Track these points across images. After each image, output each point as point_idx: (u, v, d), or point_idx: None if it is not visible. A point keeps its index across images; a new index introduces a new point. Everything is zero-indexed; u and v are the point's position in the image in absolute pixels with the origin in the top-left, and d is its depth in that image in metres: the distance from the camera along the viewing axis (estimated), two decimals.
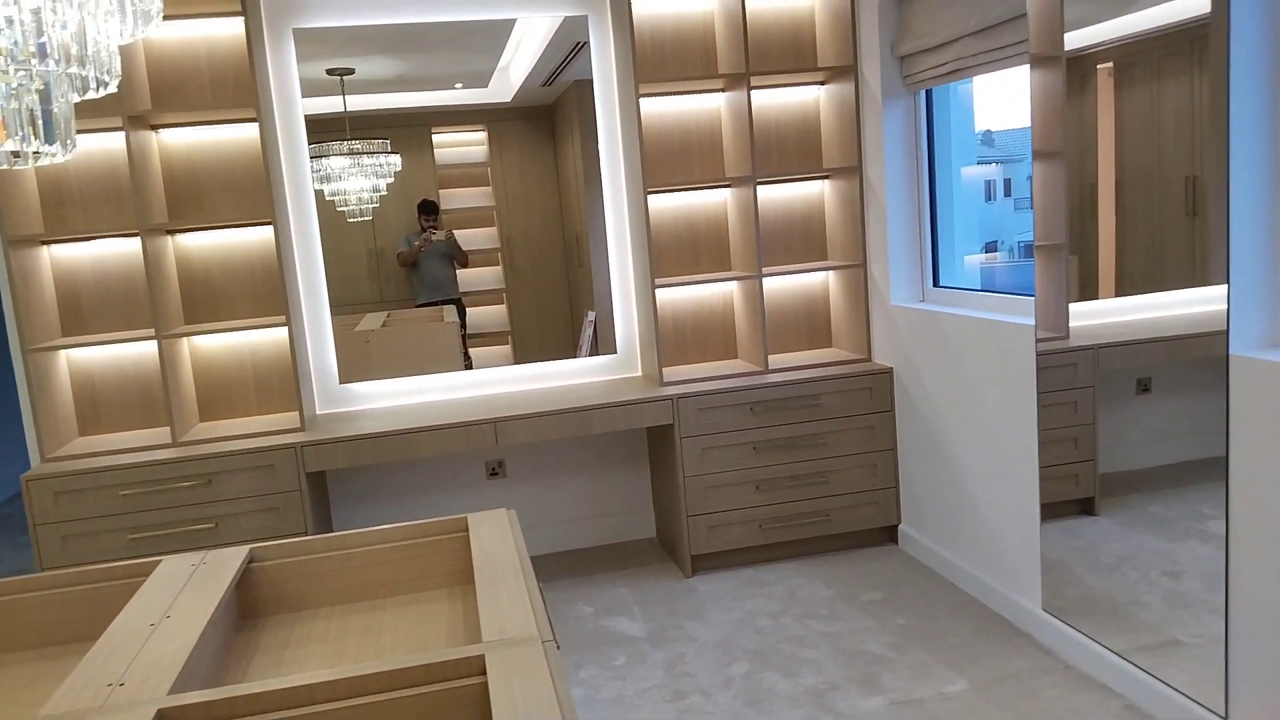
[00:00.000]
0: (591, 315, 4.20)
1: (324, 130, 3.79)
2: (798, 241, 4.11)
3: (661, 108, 3.95)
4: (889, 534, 3.93)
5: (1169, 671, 2.55)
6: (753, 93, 3.83)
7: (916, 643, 3.09)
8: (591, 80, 3.96)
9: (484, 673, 1.32)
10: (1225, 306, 2.25)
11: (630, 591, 3.69)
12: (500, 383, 4.02)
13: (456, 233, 4.04)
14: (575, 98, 4.03)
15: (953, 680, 2.85)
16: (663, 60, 3.91)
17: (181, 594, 1.70)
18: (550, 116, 4.07)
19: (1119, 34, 2.72)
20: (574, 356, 4.13)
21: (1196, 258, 2.62)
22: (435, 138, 3.97)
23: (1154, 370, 2.75)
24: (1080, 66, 2.81)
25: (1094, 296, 2.88)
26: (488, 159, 4.03)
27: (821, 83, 3.99)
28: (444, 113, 3.97)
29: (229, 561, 1.85)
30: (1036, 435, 2.95)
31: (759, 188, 3.89)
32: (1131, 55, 2.72)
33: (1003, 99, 3.64)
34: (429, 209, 3.97)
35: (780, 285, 4.09)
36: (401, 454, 3.48)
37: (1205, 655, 2.45)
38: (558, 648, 1.41)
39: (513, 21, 3.86)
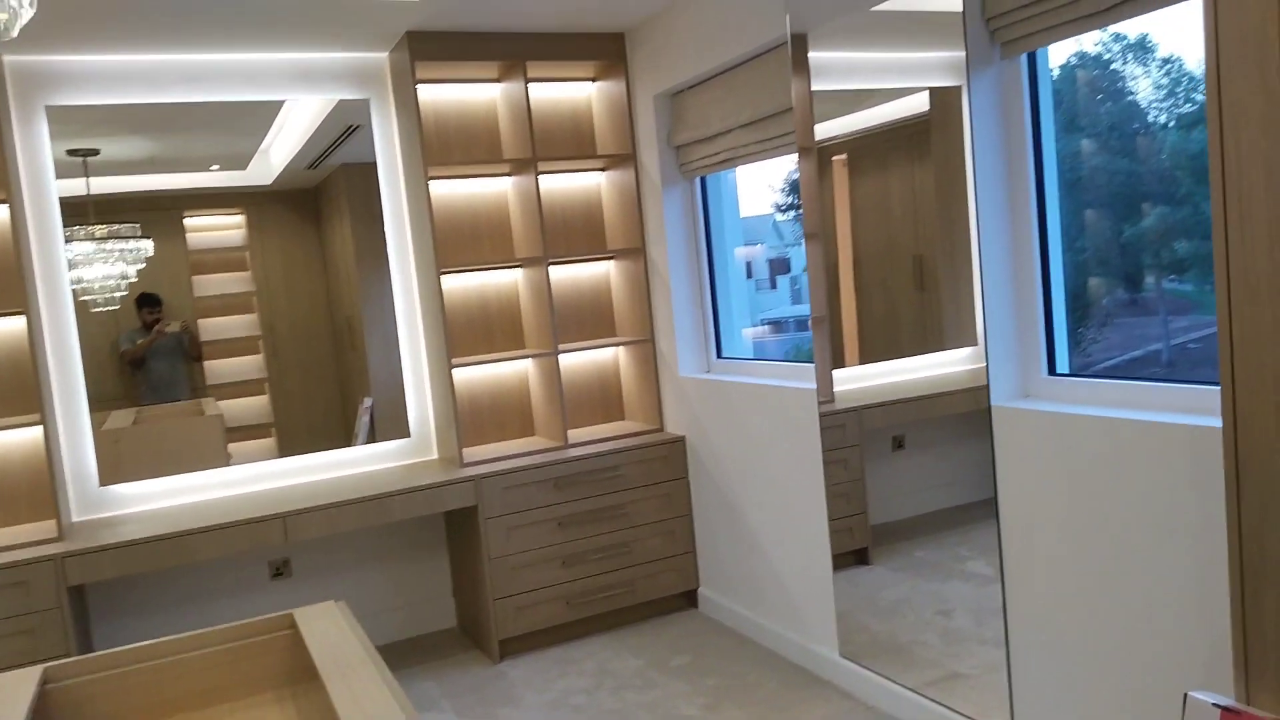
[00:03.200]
0: (368, 402, 4.08)
1: (65, 214, 3.50)
2: (588, 319, 4.23)
3: (448, 190, 3.98)
4: (689, 598, 4.05)
5: (955, 702, 2.79)
6: (539, 177, 3.95)
7: (728, 701, 3.19)
8: (360, 163, 3.93)
9: None
10: (958, 370, 2.57)
11: (437, 685, 3.56)
12: (280, 475, 3.80)
13: (211, 321, 3.79)
14: (343, 181, 3.98)
15: None
16: (448, 145, 3.96)
17: None
18: (314, 200, 3.98)
19: (850, 129, 3.06)
20: (347, 446, 3.96)
21: (928, 327, 2.96)
22: (188, 221, 3.76)
23: (905, 429, 3.05)
24: (819, 158, 3.13)
25: (841, 364, 3.17)
26: (246, 243, 3.87)
27: (602, 169, 4.18)
28: (198, 196, 3.79)
29: (19, 685, 1.65)
30: (824, 491, 3.18)
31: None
32: (861, 148, 3.07)
33: (746, 189, 3.97)
34: (151, 302, 3.70)
35: (573, 362, 4.18)
36: (180, 558, 3.21)
37: (984, 683, 2.70)
38: None
39: (280, 103, 3.77)
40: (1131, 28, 2.33)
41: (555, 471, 3.71)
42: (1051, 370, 2.50)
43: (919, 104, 2.86)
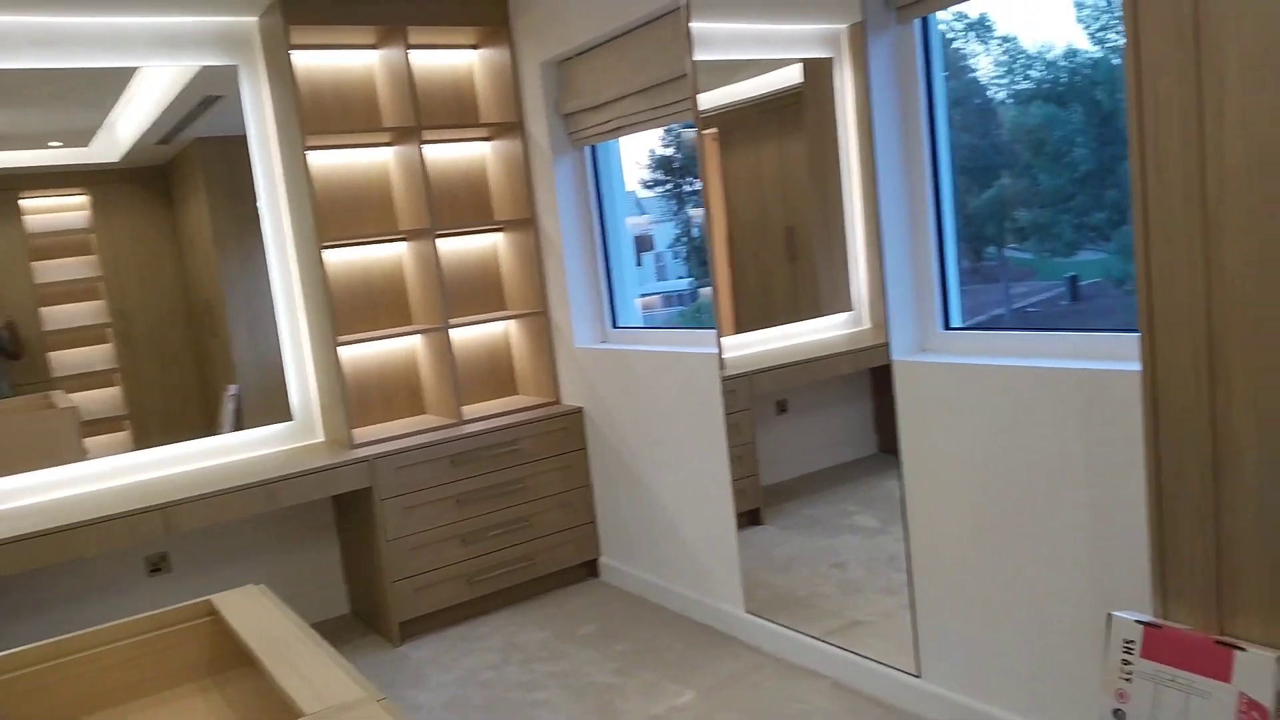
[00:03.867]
0: (233, 389, 3.89)
1: None
2: (476, 292, 4.15)
3: (324, 162, 3.82)
4: (589, 568, 4.05)
5: (860, 648, 2.90)
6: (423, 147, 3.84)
7: (639, 665, 3.22)
8: (218, 137, 3.72)
9: None
10: (834, 335, 2.70)
11: None
12: (150, 467, 3.58)
13: (55, 309, 3.52)
14: (199, 156, 3.76)
15: (681, 693, 3.00)
16: (324, 114, 3.79)
17: None
18: (165, 177, 3.75)
19: (722, 102, 3.11)
20: (210, 436, 3.76)
21: (801, 295, 3.05)
22: (24, 203, 3.48)
23: (787, 393, 3.14)
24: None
25: (720, 334, 3.23)
26: (91, 225, 3.61)
27: (487, 138, 4.09)
28: (36, 175, 3.51)
29: None
30: (727, 452, 3.23)
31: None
32: (732, 121, 3.12)
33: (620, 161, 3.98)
34: None
35: (462, 337, 4.10)
36: (51, 557, 2.99)
37: (884, 628, 2.82)
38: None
39: (130, 74, 3.53)
40: (972, 8, 2.45)
41: (451, 449, 3.63)
42: (947, 325, 2.61)
43: (790, 77, 2.92)
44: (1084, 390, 2.11)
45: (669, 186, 3.97)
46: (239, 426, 3.79)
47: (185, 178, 3.73)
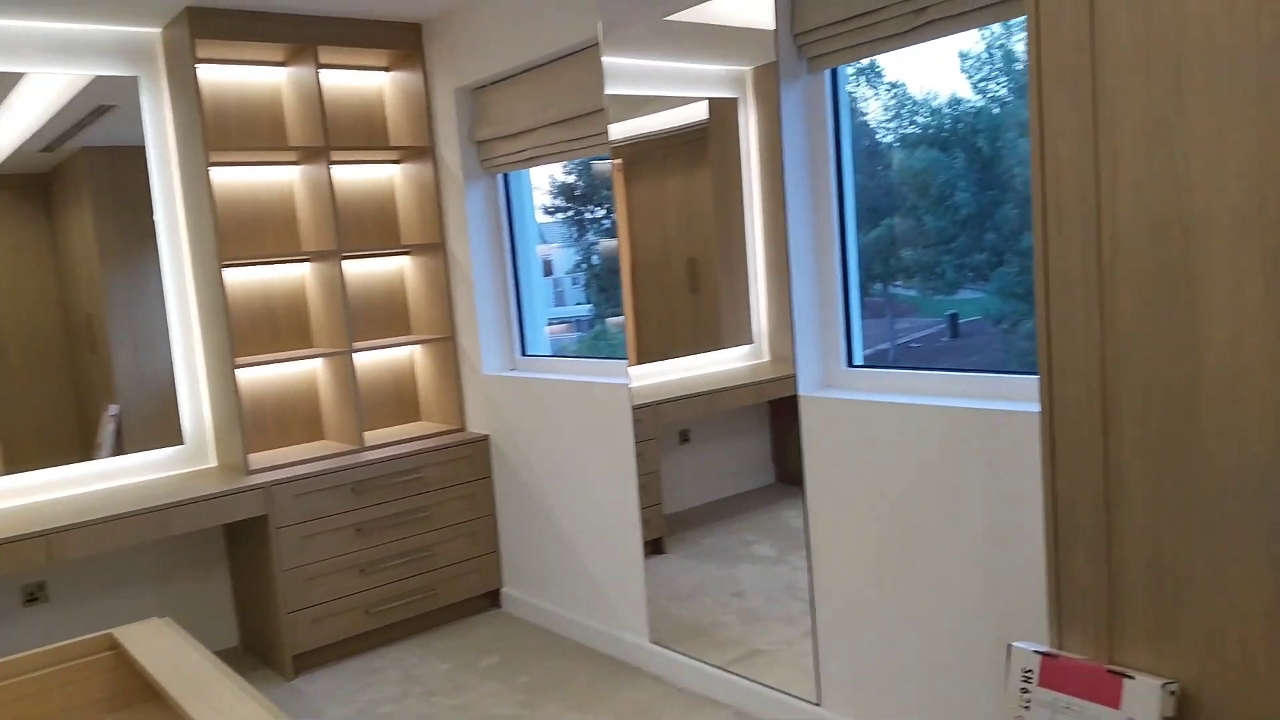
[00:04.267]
0: (114, 409, 3.74)
1: None
2: (380, 316, 4.09)
3: (225, 178, 3.73)
4: (491, 599, 4.02)
5: (761, 676, 2.95)
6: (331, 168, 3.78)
7: (544, 696, 3.21)
8: (105, 147, 3.58)
9: None
10: (735, 366, 2.81)
11: None
12: (26, 492, 3.40)
13: None
14: (84, 166, 3.62)
15: None
16: (226, 130, 3.70)
17: None
18: (45, 186, 3.60)
19: (628, 135, 3.18)
20: (89, 459, 3.60)
21: (702, 327, 3.13)
22: None
23: (690, 423, 3.21)
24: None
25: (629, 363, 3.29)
26: None
27: (397, 161, 4.06)
28: None
29: None
30: (636, 482, 3.27)
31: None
32: (637, 153, 3.19)
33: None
34: None
35: (366, 360, 4.04)
36: None
37: (783, 657, 2.89)
38: None
39: (16, 78, 3.38)
40: None
41: (352, 476, 3.56)
42: (850, 362, 2.71)
43: (696, 113, 3.00)
44: (984, 429, 2.23)
45: (570, 214, 4.01)
46: (119, 448, 3.64)
47: (67, 187, 3.58)
